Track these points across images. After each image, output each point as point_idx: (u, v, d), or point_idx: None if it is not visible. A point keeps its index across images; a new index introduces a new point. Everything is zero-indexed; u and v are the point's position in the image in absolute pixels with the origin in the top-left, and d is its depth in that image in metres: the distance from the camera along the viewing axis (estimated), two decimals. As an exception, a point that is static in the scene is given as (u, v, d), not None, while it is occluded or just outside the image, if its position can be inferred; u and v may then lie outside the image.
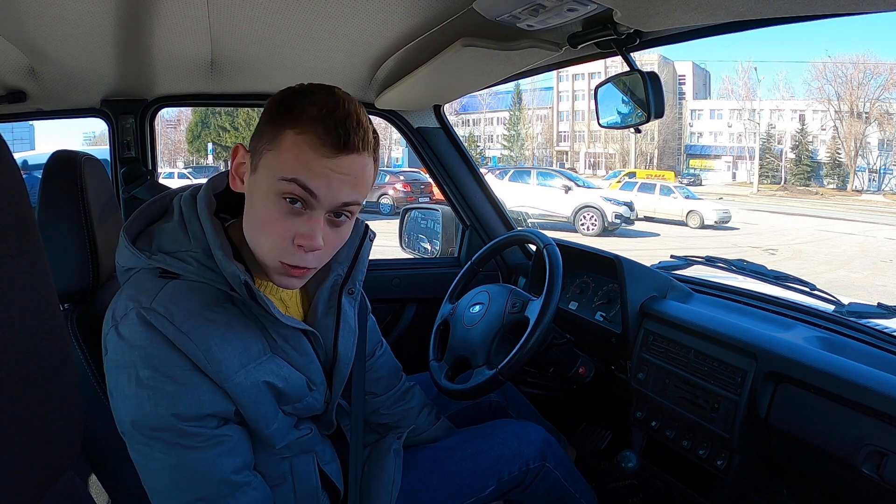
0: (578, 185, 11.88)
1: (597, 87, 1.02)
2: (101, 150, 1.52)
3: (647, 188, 14.40)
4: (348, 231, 0.71)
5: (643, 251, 7.97)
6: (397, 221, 1.99)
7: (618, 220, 11.11)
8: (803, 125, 28.72)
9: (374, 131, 0.67)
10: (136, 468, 0.67)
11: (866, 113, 26.56)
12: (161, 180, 1.69)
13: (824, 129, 28.18)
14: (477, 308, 1.14)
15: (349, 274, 0.82)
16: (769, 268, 1.21)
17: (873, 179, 27.05)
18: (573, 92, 33.74)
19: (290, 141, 0.62)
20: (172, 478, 0.66)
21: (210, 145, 27.99)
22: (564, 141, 34.46)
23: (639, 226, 12.20)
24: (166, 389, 0.63)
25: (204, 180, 0.76)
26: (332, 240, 0.68)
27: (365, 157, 0.65)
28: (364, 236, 0.83)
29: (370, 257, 0.85)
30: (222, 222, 0.71)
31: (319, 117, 0.62)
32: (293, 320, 0.72)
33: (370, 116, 0.69)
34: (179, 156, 32.54)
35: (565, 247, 1.28)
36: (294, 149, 0.62)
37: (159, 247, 0.68)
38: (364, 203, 0.71)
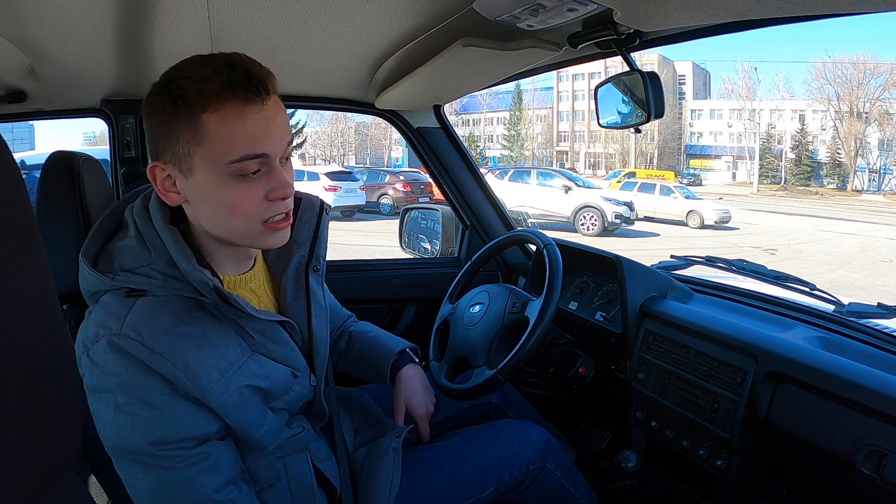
0: (578, 185, 11.89)
1: (597, 87, 1.02)
2: (101, 150, 1.52)
3: (647, 188, 14.41)
4: (291, 163, 0.70)
5: (643, 251, 7.97)
6: (397, 221, 1.99)
7: (618, 220, 11.12)
8: (803, 125, 28.73)
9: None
10: None
11: (866, 113, 26.57)
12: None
13: (824, 129, 28.18)
14: (477, 308, 1.14)
15: (311, 252, 0.81)
16: (769, 268, 1.21)
17: (873, 179, 27.05)
18: (573, 92, 33.73)
19: (215, 123, 0.60)
20: (154, 497, 0.66)
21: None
22: (564, 141, 34.46)
23: (639, 226, 12.21)
24: (143, 415, 0.62)
25: None
26: (291, 178, 0.68)
27: (275, 96, 0.64)
28: (321, 212, 0.82)
29: (370, 257, 0.85)
30: (179, 227, 0.69)
31: (225, 83, 0.59)
32: (269, 314, 0.72)
33: (374, 116, 0.69)
34: (179, 156, 32.41)
35: (565, 247, 1.28)
36: (223, 129, 0.60)
37: (121, 265, 0.66)
38: (364, 203, 0.71)
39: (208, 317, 0.67)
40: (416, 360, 1.01)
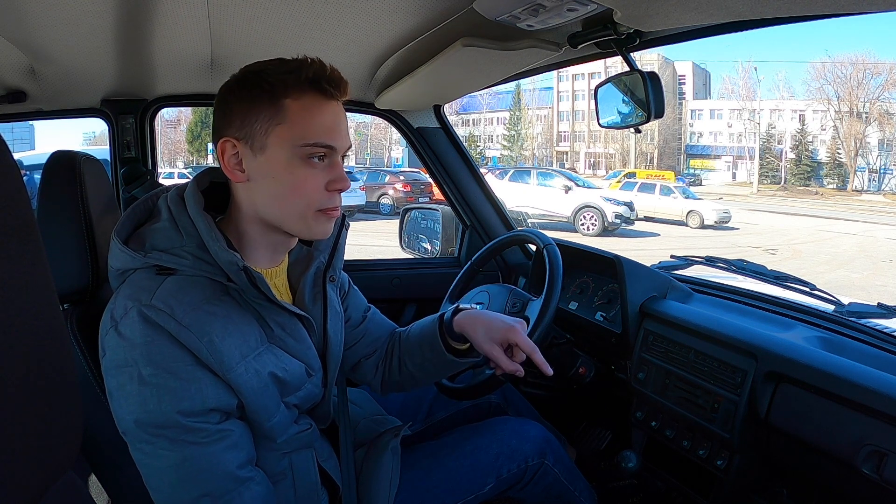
0: (578, 185, 11.88)
1: (597, 87, 1.02)
2: (101, 150, 1.52)
3: (647, 188, 14.40)
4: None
5: (643, 251, 7.97)
6: (397, 221, 1.99)
7: (618, 220, 11.11)
8: (803, 125, 28.70)
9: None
10: (137, 468, 0.67)
11: (866, 113, 26.55)
12: (161, 180, 1.68)
13: (824, 129, 28.17)
14: (477, 308, 1.14)
15: (330, 261, 0.83)
16: (769, 268, 1.21)
17: (873, 179, 27.04)
18: (573, 92, 33.71)
19: (296, 107, 0.67)
20: (177, 474, 0.66)
21: (210, 145, 27.95)
22: (564, 141, 34.45)
23: (639, 226, 12.20)
24: (169, 385, 0.63)
25: None
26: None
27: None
28: (342, 225, 0.85)
29: (369, 257, 0.86)
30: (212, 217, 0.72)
31: (310, 78, 0.68)
32: (290, 305, 0.73)
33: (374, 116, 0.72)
34: (179, 156, 32.60)
35: (565, 247, 1.28)
36: (302, 113, 0.68)
37: (153, 245, 0.69)
38: (364, 203, 0.73)
39: (233, 302, 0.69)
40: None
